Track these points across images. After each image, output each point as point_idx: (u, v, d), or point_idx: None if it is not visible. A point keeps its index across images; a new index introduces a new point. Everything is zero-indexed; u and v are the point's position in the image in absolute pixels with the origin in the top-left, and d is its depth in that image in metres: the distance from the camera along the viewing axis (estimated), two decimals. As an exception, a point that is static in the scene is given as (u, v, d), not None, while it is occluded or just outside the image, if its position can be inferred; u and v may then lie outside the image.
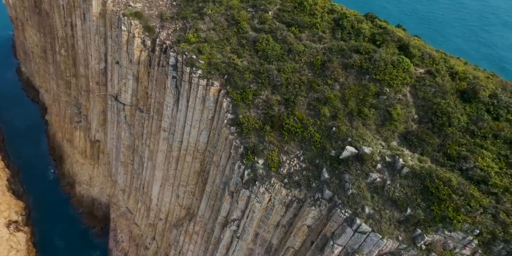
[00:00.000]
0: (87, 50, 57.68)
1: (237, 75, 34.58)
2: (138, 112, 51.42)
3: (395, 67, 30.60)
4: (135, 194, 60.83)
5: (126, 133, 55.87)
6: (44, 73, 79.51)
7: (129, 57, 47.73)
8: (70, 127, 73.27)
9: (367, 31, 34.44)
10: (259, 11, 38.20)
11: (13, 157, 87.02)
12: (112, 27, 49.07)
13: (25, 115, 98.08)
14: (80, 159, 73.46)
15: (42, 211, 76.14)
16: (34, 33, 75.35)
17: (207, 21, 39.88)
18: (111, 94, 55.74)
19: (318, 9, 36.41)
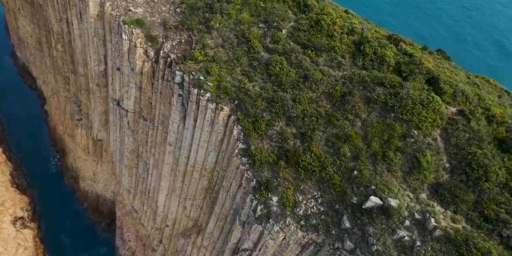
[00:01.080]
0: (85, 50, 54.92)
1: (249, 101, 32.63)
2: (141, 120, 49.71)
3: (425, 107, 28.38)
4: (140, 196, 60.39)
5: (130, 138, 54.43)
6: (41, 64, 76.59)
7: (130, 66, 45.33)
8: (71, 123, 71.60)
9: (392, 59, 31.77)
10: (272, 29, 35.35)
11: (14, 149, 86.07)
12: (112, 32, 46.24)
13: (23, 103, 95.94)
14: (83, 155, 72.43)
15: (48, 206, 76.24)
16: (27, 23, 71.69)
17: (215, 35, 37.19)
18: (113, 98, 53.70)
19: (336, 29, 33.49)
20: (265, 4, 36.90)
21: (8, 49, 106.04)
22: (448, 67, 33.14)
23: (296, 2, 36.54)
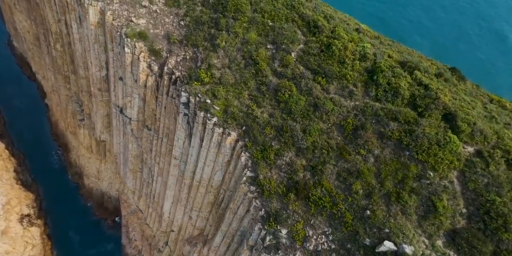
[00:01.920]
0: (85, 55, 53.59)
1: (257, 128, 32.11)
2: (145, 129, 49.23)
3: (441, 148, 27.68)
4: (145, 199, 60.87)
5: (134, 145, 54.14)
6: (40, 60, 75.02)
7: (133, 78, 44.35)
8: (73, 121, 71.06)
9: (406, 91, 30.72)
10: (280, 51, 34.18)
11: (17, 143, 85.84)
12: (113, 42, 44.94)
13: (23, 95, 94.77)
14: (86, 153, 72.38)
15: (53, 202, 77.00)
16: (24, 18, 69.55)
17: (221, 55, 36.07)
18: (115, 104, 52.96)
19: (348, 55, 32.31)
20: (273, 23, 35.54)
21: (4, 37, 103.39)
22: (464, 98, 32.03)
23: (306, 22, 35.15)
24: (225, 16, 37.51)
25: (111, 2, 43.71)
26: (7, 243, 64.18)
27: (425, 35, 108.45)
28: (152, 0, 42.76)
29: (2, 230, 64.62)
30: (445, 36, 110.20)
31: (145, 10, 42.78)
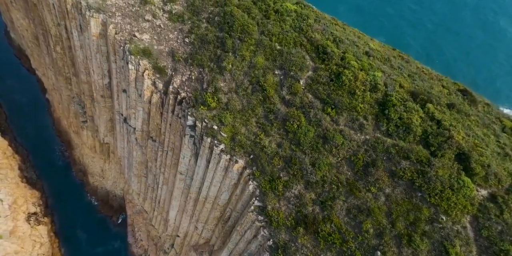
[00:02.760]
0: (87, 61, 52.60)
1: (265, 158, 32.01)
2: (150, 141, 49.07)
3: (455, 192, 27.50)
4: (150, 202, 61.56)
5: (138, 152, 54.16)
6: (39, 58, 73.68)
7: (138, 92, 43.76)
8: (76, 121, 70.69)
9: (418, 128, 30.15)
10: (289, 78, 33.47)
11: (19, 138, 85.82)
12: (116, 55, 44.01)
13: (23, 88, 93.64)
14: (90, 153, 72.54)
15: (59, 199, 77.92)
16: (21, 17, 67.74)
17: (228, 78, 35.39)
18: (119, 112, 52.55)
19: (358, 86, 31.61)
20: (281, 47, 34.61)
21: (0, 27, 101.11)
22: (477, 133, 31.27)
23: (314, 46, 34.20)
24: (231, 36, 36.51)
25: (113, 15, 42.47)
26: (16, 243, 65.49)
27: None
28: (156, 14, 41.51)
29: (10, 230, 65.72)
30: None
31: (149, 25, 41.60)
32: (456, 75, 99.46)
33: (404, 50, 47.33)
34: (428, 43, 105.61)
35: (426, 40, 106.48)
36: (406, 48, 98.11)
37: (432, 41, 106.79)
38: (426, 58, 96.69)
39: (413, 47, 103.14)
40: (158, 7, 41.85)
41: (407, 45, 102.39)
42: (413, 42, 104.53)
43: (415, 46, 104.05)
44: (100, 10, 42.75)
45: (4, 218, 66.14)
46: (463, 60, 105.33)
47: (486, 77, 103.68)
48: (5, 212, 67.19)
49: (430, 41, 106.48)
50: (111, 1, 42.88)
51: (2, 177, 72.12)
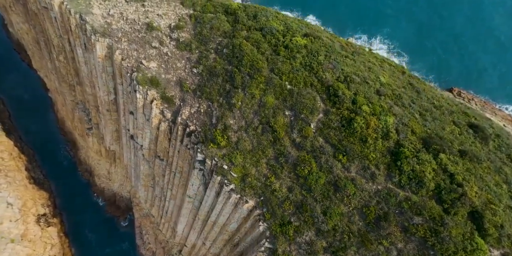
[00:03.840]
0: (91, 76, 52.03)
1: (275, 202, 32.60)
2: (157, 159, 49.48)
3: (468, 254, 27.87)
4: (157, 209, 62.85)
5: (145, 166, 54.75)
6: (41, 60, 72.62)
7: (145, 117, 43.73)
8: (81, 126, 70.81)
9: (431, 182, 30.25)
10: (299, 120, 33.37)
11: (24, 137, 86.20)
12: (123, 79, 43.61)
13: (24, 84, 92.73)
14: (96, 156, 73.20)
15: (66, 199, 79.37)
16: (21, 21, 66.14)
17: (237, 116, 35.34)
18: (126, 128, 52.66)
19: (370, 133, 31.52)
20: (291, 86, 34.29)
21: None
22: (489, 186, 31.26)
23: (325, 87, 33.86)
24: (241, 71, 36.08)
25: (119, 40, 41.73)
26: (28, 246, 67.54)
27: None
28: (163, 42, 40.75)
29: (21, 234, 67.62)
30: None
31: (156, 52, 40.94)
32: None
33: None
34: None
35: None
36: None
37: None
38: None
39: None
40: (165, 34, 41.02)
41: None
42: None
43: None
44: (105, 35, 41.98)
45: (15, 222, 67.82)
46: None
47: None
48: (16, 216, 68.82)
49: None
50: (116, 25, 41.99)
51: (11, 180, 73.19)
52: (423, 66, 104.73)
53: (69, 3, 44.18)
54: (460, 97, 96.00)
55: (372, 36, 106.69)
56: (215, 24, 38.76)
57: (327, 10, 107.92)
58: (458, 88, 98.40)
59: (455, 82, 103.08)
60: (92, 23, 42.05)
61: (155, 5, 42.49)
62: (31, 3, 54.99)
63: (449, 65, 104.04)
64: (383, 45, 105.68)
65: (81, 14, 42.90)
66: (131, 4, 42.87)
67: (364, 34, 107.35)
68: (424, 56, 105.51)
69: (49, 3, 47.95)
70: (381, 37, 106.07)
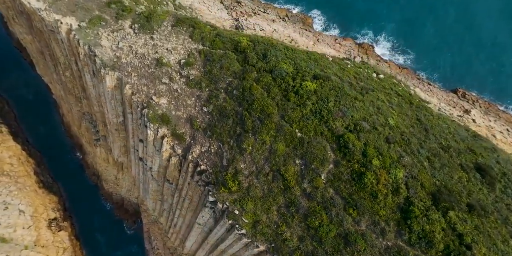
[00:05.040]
0: (100, 98, 52.25)
1: (286, 250, 33.89)
2: (167, 183, 50.63)
3: None
4: (166, 220, 64.74)
5: (154, 185, 56.01)
6: (45, 68, 72.28)
7: (155, 149, 44.44)
8: (88, 135, 71.59)
9: (441, 242, 31.13)
10: (310, 171, 34.12)
11: (31, 139, 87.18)
12: (133, 110, 44.01)
13: (27, 83, 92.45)
14: (103, 163, 74.44)
15: (75, 201, 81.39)
16: (25, 32, 65.34)
17: (248, 160, 36.12)
18: (135, 148, 53.48)
19: (381, 189, 32.38)
20: (301, 134, 34.84)
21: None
22: (497, 245, 32.10)
23: (335, 136, 34.42)
24: (251, 115, 36.53)
25: (129, 74, 41.86)
26: (41, 252, 70.17)
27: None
28: (173, 78, 40.86)
29: (34, 240, 70.06)
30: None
31: (165, 88, 41.15)
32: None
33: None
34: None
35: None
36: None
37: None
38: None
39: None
40: (174, 70, 41.06)
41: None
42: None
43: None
44: (115, 68, 42.07)
45: (27, 229, 70.11)
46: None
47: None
48: (28, 223, 71.04)
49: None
50: (126, 59, 41.97)
51: (21, 186, 74.92)
52: (428, 64, 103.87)
53: (77, 33, 43.87)
54: (464, 99, 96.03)
55: (377, 33, 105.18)
56: (225, 63, 38.78)
57: (332, 4, 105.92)
58: (463, 89, 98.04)
59: (460, 81, 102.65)
60: (101, 57, 42.00)
61: (164, 38, 42.23)
62: (36, 21, 54.24)
63: (455, 64, 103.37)
64: (388, 42, 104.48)
65: (90, 46, 42.71)
66: (139, 36, 42.60)
67: (370, 30, 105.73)
68: (429, 54, 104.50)
69: (55, 27, 47.54)
70: (386, 34, 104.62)
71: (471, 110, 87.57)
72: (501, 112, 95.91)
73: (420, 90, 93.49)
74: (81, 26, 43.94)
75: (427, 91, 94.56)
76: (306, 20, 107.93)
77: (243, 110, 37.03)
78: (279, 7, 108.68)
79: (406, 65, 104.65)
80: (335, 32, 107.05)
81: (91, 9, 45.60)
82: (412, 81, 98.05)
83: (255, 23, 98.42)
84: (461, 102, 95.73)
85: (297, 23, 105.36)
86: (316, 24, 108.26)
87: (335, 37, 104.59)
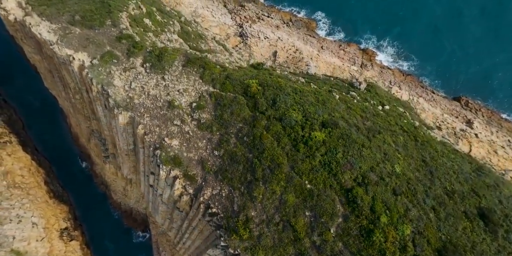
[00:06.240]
0: (111, 127, 53.37)
1: (295, 298, 35.83)
2: (177, 211, 52.39)
3: None
4: (175, 236, 66.97)
5: (163, 207, 57.83)
6: (53, 84, 72.88)
7: (167, 184, 45.96)
8: (97, 150, 72.99)
9: None
10: (319, 224, 35.65)
11: (39, 147, 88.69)
12: (145, 149, 45.27)
13: (33, 90, 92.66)
14: (112, 176, 76.22)
15: (85, 209, 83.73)
16: (33, 52, 65.70)
17: (259, 208, 37.66)
18: (145, 173, 54.99)
19: (389, 247, 33.95)
20: (311, 186, 36.22)
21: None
22: None
23: (344, 190, 35.79)
24: (261, 163, 37.83)
25: (141, 115, 42.92)
26: (54, 262, 72.87)
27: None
28: (184, 120, 41.92)
29: (48, 252, 72.66)
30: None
31: (177, 129, 42.28)
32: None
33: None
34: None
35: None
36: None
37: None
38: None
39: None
40: (186, 113, 42.07)
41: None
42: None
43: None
44: (128, 109, 43.06)
45: (41, 242, 72.61)
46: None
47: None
48: (41, 235, 73.45)
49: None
50: (138, 100, 42.92)
51: (32, 198, 76.98)
52: (432, 71, 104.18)
53: (90, 70, 44.64)
54: (467, 108, 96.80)
55: (381, 37, 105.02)
56: (235, 109, 39.79)
57: (336, 8, 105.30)
58: (466, 97, 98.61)
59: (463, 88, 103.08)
60: (114, 97, 42.94)
61: (175, 78, 43.03)
62: (47, 48, 54.76)
63: (459, 71, 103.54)
64: (392, 47, 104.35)
65: (103, 85, 43.56)
66: (151, 76, 43.40)
67: (374, 35, 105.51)
68: (433, 60, 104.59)
69: (67, 60, 48.25)
70: (390, 39, 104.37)
71: (473, 122, 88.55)
72: (503, 121, 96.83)
73: (423, 100, 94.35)
74: (93, 63, 44.67)
75: (430, 101, 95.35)
76: (310, 25, 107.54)
77: (253, 157, 38.31)
78: (283, 10, 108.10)
79: (410, 72, 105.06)
80: (339, 36, 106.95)
81: (102, 44, 46.16)
82: (415, 90, 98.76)
83: (259, 31, 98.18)
84: (464, 111, 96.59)
85: (301, 28, 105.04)
86: (320, 28, 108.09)
87: (339, 42, 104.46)
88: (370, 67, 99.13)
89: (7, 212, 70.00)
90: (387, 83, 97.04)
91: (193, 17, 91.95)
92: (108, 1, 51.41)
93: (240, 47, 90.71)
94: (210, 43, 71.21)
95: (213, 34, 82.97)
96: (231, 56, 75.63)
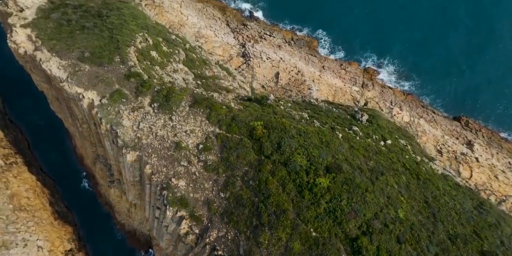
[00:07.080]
0: (118, 158, 54.32)
1: None
2: (182, 243, 53.23)
3: None
4: (179, 261, 67.82)
5: (168, 236, 58.70)
6: (60, 109, 73.92)
7: (173, 221, 46.85)
8: (102, 173, 73.95)
9: None
10: None
11: (44, 167, 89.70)
12: (152, 186, 46.21)
13: (38, 109, 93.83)
14: (116, 198, 77.13)
15: (89, 230, 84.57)
16: (41, 80, 66.71)
17: (264, 254, 38.47)
18: (150, 203, 55.91)
19: None
20: (316, 234, 37.10)
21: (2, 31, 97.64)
22: None
23: (349, 239, 36.72)
24: (267, 208, 38.76)
25: (149, 155, 43.87)
26: (59, 285, 73.73)
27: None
28: (191, 161, 42.89)
29: (53, 274, 73.51)
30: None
31: (184, 170, 43.24)
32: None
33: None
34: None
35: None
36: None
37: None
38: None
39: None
40: (193, 154, 43.03)
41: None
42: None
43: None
44: (136, 149, 44.01)
45: (46, 265, 73.50)
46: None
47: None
48: (46, 258, 74.36)
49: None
50: (146, 140, 43.89)
51: (38, 220, 77.90)
52: (432, 90, 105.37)
53: (99, 110, 45.65)
54: (468, 128, 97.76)
55: (381, 56, 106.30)
56: (241, 153, 40.77)
57: (336, 26, 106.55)
58: (466, 117, 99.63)
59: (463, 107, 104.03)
60: (123, 138, 43.92)
61: (182, 119, 44.02)
62: (55, 81, 55.82)
63: (459, 90, 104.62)
64: (392, 66, 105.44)
65: (112, 125, 44.56)
66: (159, 117, 44.40)
67: (374, 53, 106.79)
68: (434, 79, 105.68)
69: (77, 97, 49.26)
70: (391, 57, 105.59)
71: (474, 143, 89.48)
72: (503, 141, 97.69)
73: (424, 121, 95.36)
74: (102, 103, 45.69)
75: (431, 121, 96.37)
76: (312, 43, 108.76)
77: (259, 201, 39.26)
78: (284, 29, 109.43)
79: (410, 91, 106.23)
80: (340, 54, 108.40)
81: (111, 82, 47.19)
82: (416, 110, 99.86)
83: (262, 51, 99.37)
84: (464, 132, 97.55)
85: (303, 47, 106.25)
86: (322, 46, 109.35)
87: (340, 62, 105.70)
88: (371, 87, 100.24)
89: (13, 236, 70.94)
90: (388, 103, 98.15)
91: (196, 38, 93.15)
92: (116, 36, 52.46)
93: (242, 68, 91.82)
94: (214, 69, 72.24)
95: (217, 58, 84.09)
96: (234, 80, 76.74)
